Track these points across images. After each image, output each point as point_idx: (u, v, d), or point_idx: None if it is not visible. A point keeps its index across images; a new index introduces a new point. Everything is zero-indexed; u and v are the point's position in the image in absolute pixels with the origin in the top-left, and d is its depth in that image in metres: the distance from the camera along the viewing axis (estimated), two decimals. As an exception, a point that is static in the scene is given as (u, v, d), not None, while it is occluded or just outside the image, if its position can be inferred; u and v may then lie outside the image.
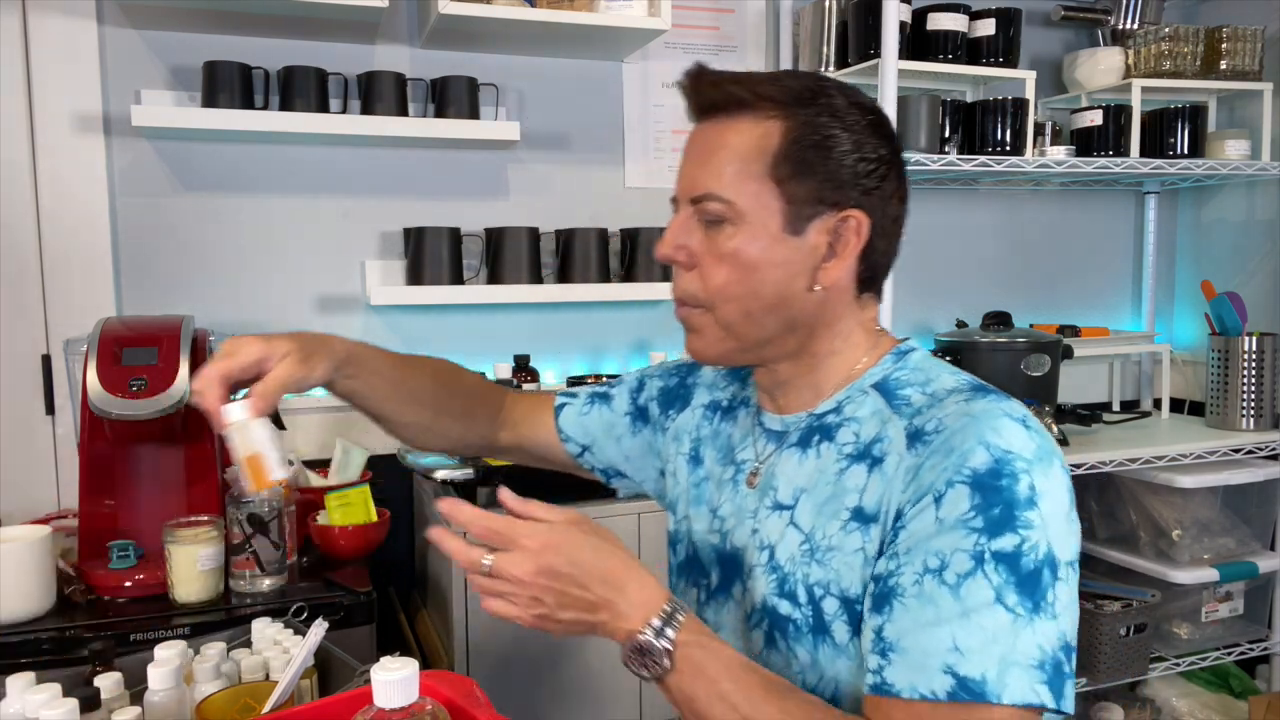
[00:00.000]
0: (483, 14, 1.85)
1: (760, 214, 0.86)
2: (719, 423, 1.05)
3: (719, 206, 0.86)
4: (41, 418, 1.86)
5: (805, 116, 0.85)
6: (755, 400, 1.01)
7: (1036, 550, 0.75)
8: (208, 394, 0.90)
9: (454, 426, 1.13)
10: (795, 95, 0.86)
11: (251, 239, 1.99)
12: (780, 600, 0.87)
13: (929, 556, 0.77)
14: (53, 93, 1.82)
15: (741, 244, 0.86)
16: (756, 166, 0.85)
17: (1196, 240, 2.69)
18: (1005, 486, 0.76)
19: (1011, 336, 2.11)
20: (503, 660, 1.72)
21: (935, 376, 0.89)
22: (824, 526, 0.86)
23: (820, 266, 0.87)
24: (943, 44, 2.12)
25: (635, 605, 0.80)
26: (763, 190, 0.85)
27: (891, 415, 0.86)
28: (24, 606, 1.40)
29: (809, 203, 0.86)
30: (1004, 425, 0.79)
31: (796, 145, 0.85)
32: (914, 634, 0.76)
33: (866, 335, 0.93)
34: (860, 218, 0.87)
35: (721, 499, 0.99)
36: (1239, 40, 2.32)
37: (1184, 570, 2.17)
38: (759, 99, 0.86)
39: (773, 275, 0.86)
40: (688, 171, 0.90)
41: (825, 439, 0.90)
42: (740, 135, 0.86)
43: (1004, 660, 0.73)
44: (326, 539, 1.69)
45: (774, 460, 0.94)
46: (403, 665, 0.73)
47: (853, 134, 0.86)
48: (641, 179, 2.27)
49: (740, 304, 0.87)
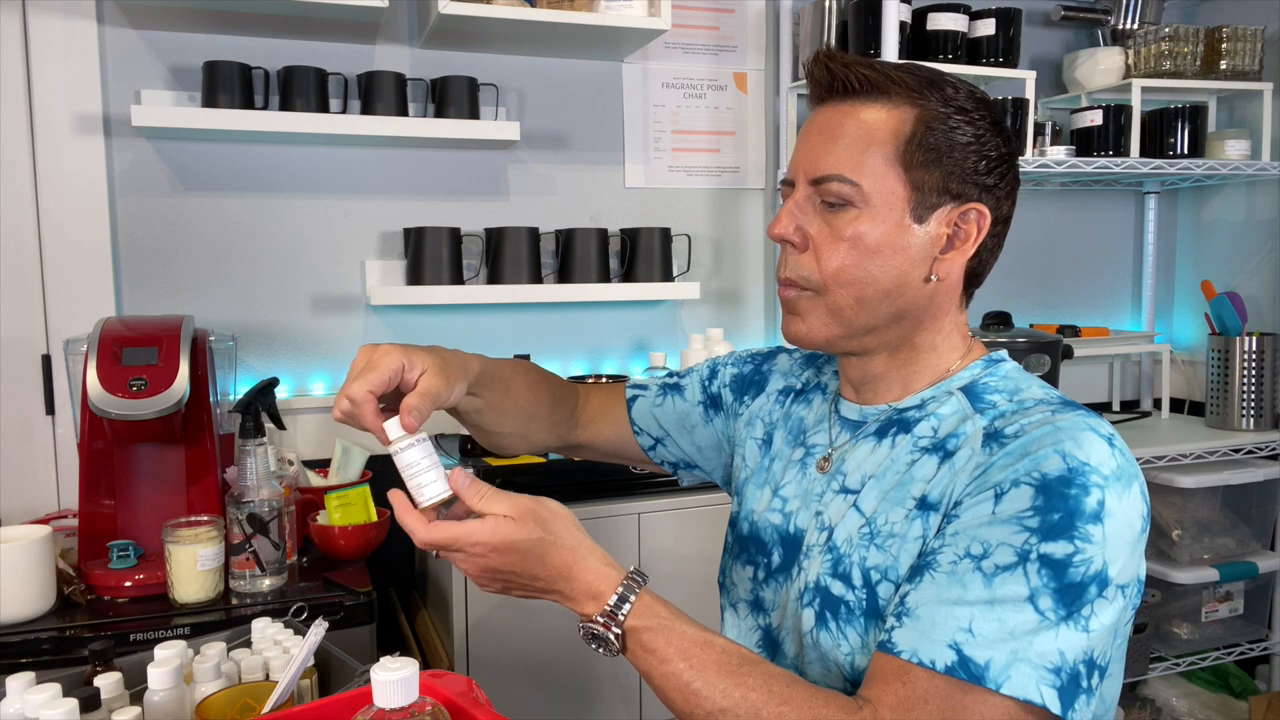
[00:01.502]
0: (483, 14, 1.85)
1: (886, 199, 0.85)
2: (791, 405, 1.05)
3: (845, 188, 0.85)
4: (41, 418, 1.86)
5: (936, 106, 0.86)
6: (834, 388, 1.01)
7: (1089, 565, 0.74)
8: (365, 410, 0.86)
9: (541, 431, 1.10)
10: (926, 84, 0.86)
11: (251, 239, 1.99)
12: (834, 580, 0.87)
13: (972, 543, 0.77)
14: (53, 93, 1.82)
15: (865, 228, 0.85)
16: (887, 151, 0.85)
17: (1196, 240, 2.69)
18: (1074, 496, 0.75)
19: (1011, 336, 2.11)
20: (503, 660, 1.72)
21: (1025, 387, 0.89)
22: (887, 512, 0.86)
23: (938, 257, 0.88)
24: (943, 44, 2.12)
25: (583, 593, 0.83)
26: (890, 175, 0.85)
27: (973, 414, 0.86)
28: (24, 606, 1.40)
29: (934, 192, 0.86)
30: (1087, 438, 0.78)
31: (929, 133, 0.85)
32: (932, 605, 0.76)
33: (961, 338, 0.94)
34: (982, 211, 0.87)
35: (786, 480, 0.99)
36: (1239, 40, 2.32)
37: (1184, 570, 2.17)
38: (892, 84, 0.85)
39: (892, 261, 0.86)
40: (809, 152, 0.88)
41: (903, 431, 0.90)
42: (871, 118, 0.86)
43: (1015, 654, 0.73)
44: (326, 539, 1.69)
45: (847, 448, 0.94)
46: (403, 665, 0.73)
47: (977, 129, 0.86)
48: (641, 179, 2.27)
49: (855, 289, 0.87)
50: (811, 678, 0.88)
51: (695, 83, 2.30)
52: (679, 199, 2.31)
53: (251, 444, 1.53)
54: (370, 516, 1.71)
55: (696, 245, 2.31)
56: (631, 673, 1.79)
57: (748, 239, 2.37)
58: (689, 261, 2.28)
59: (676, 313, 2.32)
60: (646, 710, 1.80)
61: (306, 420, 2.02)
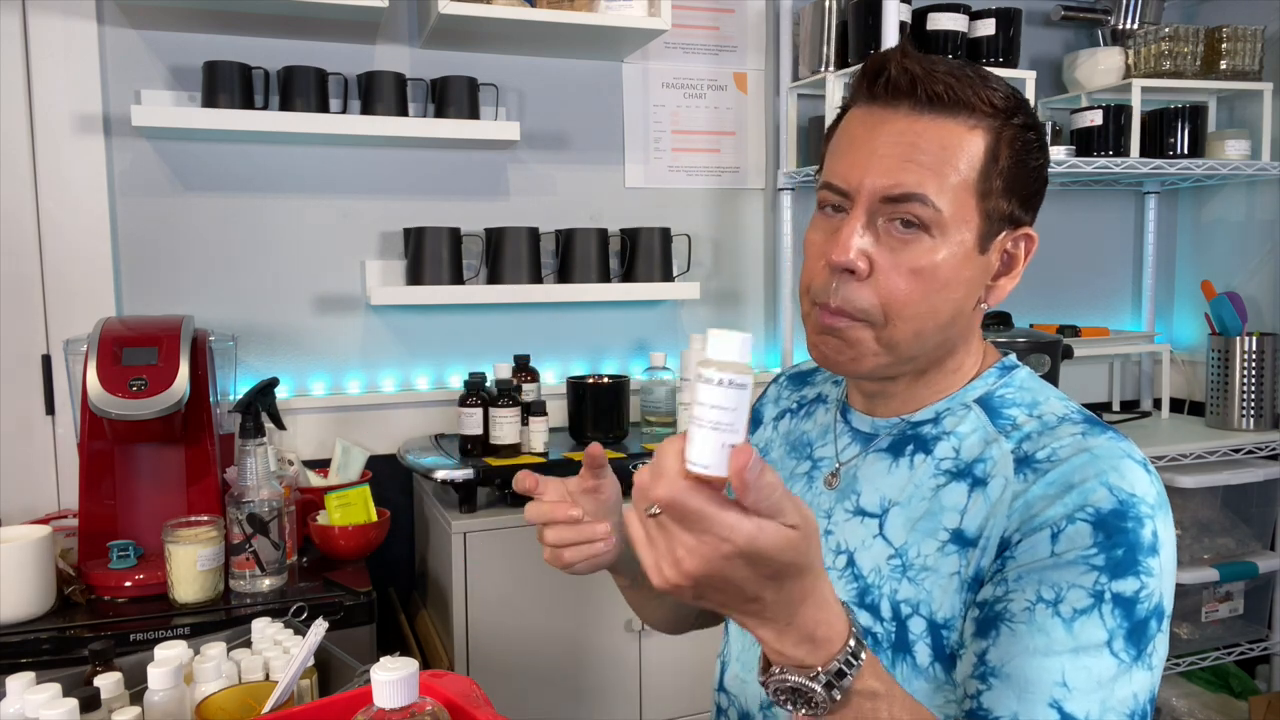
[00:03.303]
0: (483, 14, 1.85)
1: (960, 228, 0.79)
2: (791, 423, 1.03)
3: (927, 212, 0.78)
4: (41, 418, 1.86)
5: (1013, 130, 0.81)
6: (836, 395, 0.98)
7: (1151, 599, 0.73)
8: None
9: (678, 611, 1.11)
10: (1015, 106, 0.81)
11: (252, 239, 1.99)
12: (860, 610, 0.84)
13: (1043, 587, 0.73)
14: (53, 93, 1.82)
15: (939, 260, 0.79)
16: (971, 175, 0.79)
17: (1196, 240, 2.68)
18: (1131, 529, 0.73)
19: (1011, 336, 2.11)
20: (503, 660, 1.72)
21: (1043, 399, 0.85)
22: (919, 544, 0.82)
23: (990, 285, 0.84)
24: (943, 44, 2.12)
25: (801, 634, 0.62)
26: (969, 202, 0.79)
27: (997, 436, 0.83)
28: (24, 606, 1.40)
29: (1001, 220, 0.82)
30: (1127, 467, 0.76)
31: (1010, 160, 0.80)
32: (1020, 660, 0.72)
33: (978, 346, 0.90)
34: (1033, 236, 0.85)
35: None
36: (1239, 40, 2.32)
37: (1184, 570, 2.17)
38: (980, 100, 0.79)
39: (956, 294, 0.81)
40: (882, 164, 0.79)
41: (921, 450, 0.86)
42: (957, 137, 0.79)
43: (1104, 705, 0.71)
44: (326, 539, 1.69)
45: (857, 463, 0.90)
46: (403, 665, 0.73)
47: (1037, 152, 0.83)
48: (641, 179, 2.27)
49: (916, 323, 0.80)
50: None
51: (695, 83, 2.30)
52: (679, 199, 2.31)
53: (251, 444, 1.53)
54: (370, 516, 1.71)
55: (696, 245, 2.31)
56: (632, 673, 1.79)
57: (748, 239, 2.37)
58: (689, 261, 2.28)
59: (676, 313, 2.32)
60: (646, 710, 1.80)
61: (306, 420, 2.02)
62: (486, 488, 1.78)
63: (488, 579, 1.70)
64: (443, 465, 1.77)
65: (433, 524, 1.88)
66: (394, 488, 2.06)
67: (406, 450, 1.92)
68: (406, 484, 2.10)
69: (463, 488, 1.73)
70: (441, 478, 1.73)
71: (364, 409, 2.05)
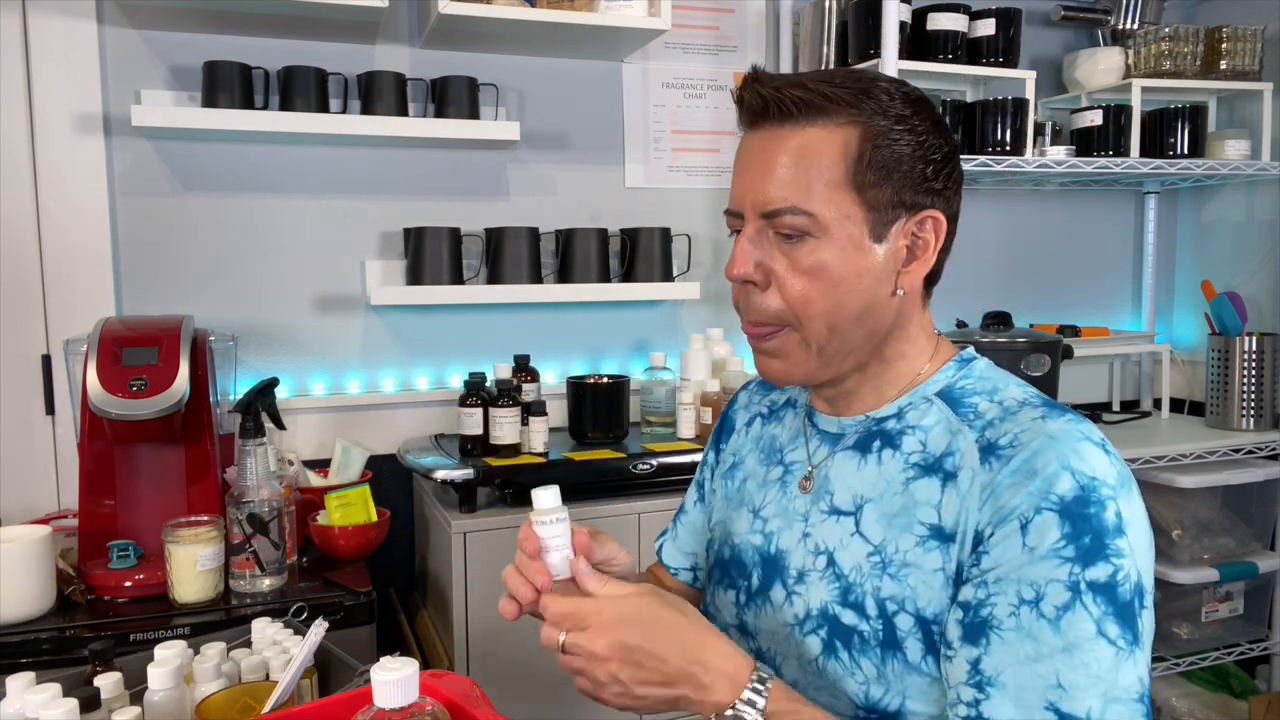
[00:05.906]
0: (483, 14, 1.85)
1: (844, 224, 0.83)
2: (762, 427, 1.04)
3: (800, 220, 0.82)
4: (41, 418, 1.86)
5: (877, 120, 0.83)
6: (804, 401, 1.00)
7: (1129, 579, 0.74)
8: None
9: None
10: (861, 95, 0.83)
11: (251, 239, 1.99)
12: (844, 609, 0.85)
13: (1023, 587, 0.75)
14: (53, 93, 1.82)
15: (827, 257, 0.83)
16: (836, 175, 0.82)
17: (1196, 240, 2.69)
18: (1094, 515, 0.74)
19: (1011, 336, 2.11)
20: (503, 660, 1.71)
21: (1002, 386, 0.87)
22: (896, 540, 0.84)
23: (901, 270, 0.86)
24: (943, 44, 2.12)
25: (719, 677, 0.78)
26: (843, 199, 0.82)
27: (961, 426, 0.85)
28: (24, 606, 1.40)
29: (889, 207, 0.84)
30: (1086, 449, 0.77)
31: (875, 150, 0.82)
32: (1014, 668, 0.74)
33: (928, 339, 0.92)
34: (938, 217, 0.86)
35: (765, 499, 0.98)
36: (1239, 40, 2.32)
37: (1184, 570, 2.17)
38: (828, 102, 0.82)
39: (859, 286, 0.84)
40: (753, 183, 0.85)
41: (888, 445, 0.88)
42: (814, 142, 0.83)
43: (1107, 696, 0.72)
44: (326, 539, 1.69)
45: (828, 464, 0.92)
46: (403, 665, 0.73)
47: (918, 135, 0.84)
48: (641, 179, 2.27)
49: (826, 318, 0.84)
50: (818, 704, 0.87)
51: (695, 83, 2.30)
52: (679, 199, 2.31)
53: (251, 444, 1.53)
54: (370, 516, 1.71)
55: (696, 245, 2.31)
56: None
57: (748, 239, 2.37)
58: (689, 261, 2.28)
59: (676, 313, 2.32)
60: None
61: (306, 420, 2.02)
62: (486, 488, 1.78)
63: (488, 579, 1.70)
64: (443, 465, 1.77)
65: (433, 524, 1.88)
66: (394, 488, 2.06)
67: (406, 450, 1.92)
68: (406, 484, 2.10)
69: (463, 488, 1.73)
70: (441, 478, 1.73)
71: (364, 409, 2.05)
